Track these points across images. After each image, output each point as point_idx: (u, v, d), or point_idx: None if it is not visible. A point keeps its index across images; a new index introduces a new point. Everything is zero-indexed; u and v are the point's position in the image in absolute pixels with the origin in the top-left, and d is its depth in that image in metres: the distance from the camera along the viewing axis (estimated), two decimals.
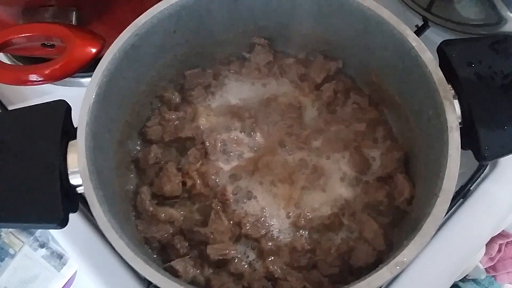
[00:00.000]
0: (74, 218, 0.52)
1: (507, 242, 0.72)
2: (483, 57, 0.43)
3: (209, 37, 0.51)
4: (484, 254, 0.71)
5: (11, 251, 0.94)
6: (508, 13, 0.51)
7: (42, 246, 0.94)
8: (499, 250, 0.72)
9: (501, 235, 0.70)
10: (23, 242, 0.95)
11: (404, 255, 0.35)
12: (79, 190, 0.40)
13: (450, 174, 0.37)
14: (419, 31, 0.59)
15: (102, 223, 0.36)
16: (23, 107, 0.43)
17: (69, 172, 0.39)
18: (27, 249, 0.94)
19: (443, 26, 0.56)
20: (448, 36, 0.58)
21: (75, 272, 0.92)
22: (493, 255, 0.71)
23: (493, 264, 0.73)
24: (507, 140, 0.41)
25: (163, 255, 0.47)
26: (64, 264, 0.93)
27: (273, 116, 0.52)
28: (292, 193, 0.48)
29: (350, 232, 0.47)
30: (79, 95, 0.41)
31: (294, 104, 0.52)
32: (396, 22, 0.42)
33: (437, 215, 0.36)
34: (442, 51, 0.43)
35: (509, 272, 0.74)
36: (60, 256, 0.92)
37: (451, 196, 0.36)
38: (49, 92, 0.60)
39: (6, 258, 0.93)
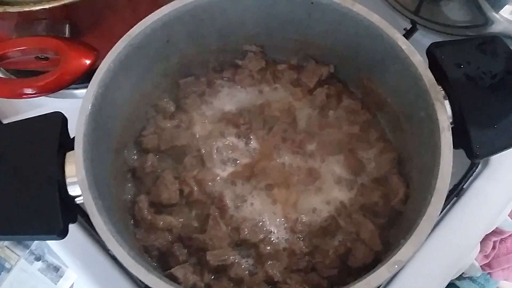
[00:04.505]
0: (72, 228, 0.52)
1: (501, 239, 0.73)
2: (472, 58, 0.44)
3: (202, 46, 0.51)
4: (479, 252, 0.72)
5: (7, 265, 0.93)
6: (494, 14, 0.52)
7: (38, 259, 0.93)
8: (494, 247, 0.73)
9: (495, 232, 0.71)
10: (19, 255, 0.94)
11: (401, 254, 0.35)
12: (78, 200, 0.40)
13: (443, 174, 0.38)
14: (407, 34, 0.60)
15: (102, 232, 0.36)
16: (19, 120, 0.43)
17: (67, 183, 0.40)
18: (23, 262, 0.93)
19: (431, 29, 0.57)
20: (436, 38, 0.59)
21: (72, 285, 0.92)
22: (487, 253, 0.72)
23: (488, 261, 0.74)
24: (498, 138, 0.41)
25: (162, 263, 0.47)
26: (60, 277, 0.92)
27: (267, 121, 0.52)
28: (288, 197, 0.49)
29: (347, 234, 0.47)
30: (73, 107, 0.41)
31: (288, 109, 0.53)
32: (386, 26, 0.43)
33: (432, 214, 0.37)
34: (431, 53, 0.44)
35: (504, 269, 0.75)
36: (56, 269, 0.92)
37: (445, 196, 0.37)
38: (44, 105, 0.60)
39: (2, 272, 0.92)
